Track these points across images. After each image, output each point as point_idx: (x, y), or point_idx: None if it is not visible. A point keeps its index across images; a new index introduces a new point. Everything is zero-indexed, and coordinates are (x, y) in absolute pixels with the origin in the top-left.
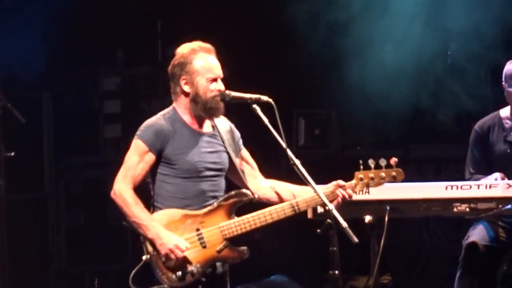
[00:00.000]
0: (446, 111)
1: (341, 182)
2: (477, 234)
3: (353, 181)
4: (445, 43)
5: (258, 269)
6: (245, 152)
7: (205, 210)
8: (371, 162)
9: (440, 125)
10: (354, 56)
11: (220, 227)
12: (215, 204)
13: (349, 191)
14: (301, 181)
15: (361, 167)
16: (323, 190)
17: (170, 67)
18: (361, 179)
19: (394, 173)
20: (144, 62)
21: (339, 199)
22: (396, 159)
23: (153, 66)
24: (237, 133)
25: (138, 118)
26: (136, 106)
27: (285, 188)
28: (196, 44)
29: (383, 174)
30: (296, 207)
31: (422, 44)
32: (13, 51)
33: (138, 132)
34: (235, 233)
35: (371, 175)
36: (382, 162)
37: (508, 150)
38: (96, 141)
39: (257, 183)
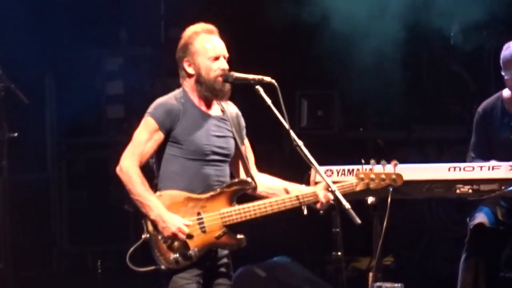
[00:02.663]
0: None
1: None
2: (484, 215)
3: (354, 180)
4: (448, 24)
5: (261, 251)
6: (247, 142)
7: (208, 195)
8: (372, 163)
9: (442, 106)
10: (356, 37)
11: (221, 214)
12: (218, 190)
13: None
14: (304, 163)
15: (362, 166)
16: (312, 190)
17: (176, 53)
18: (362, 179)
19: (394, 176)
20: (147, 43)
21: (323, 200)
22: (397, 162)
23: (156, 47)
24: (243, 121)
25: (141, 99)
26: (138, 87)
27: (279, 184)
28: (199, 26)
29: (383, 176)
30: (296, 201)
31: (425, 24)
32: (16, 32)
33: (149, 110)
34: (235, 221)
35: (372, 176)
36: (384, 163)
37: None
38: (98, 122)
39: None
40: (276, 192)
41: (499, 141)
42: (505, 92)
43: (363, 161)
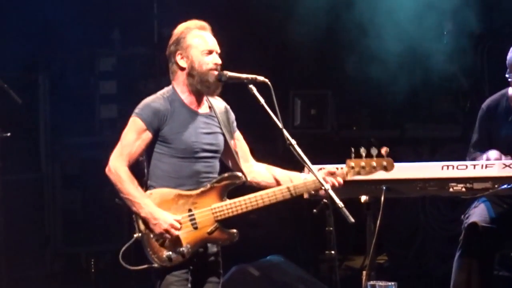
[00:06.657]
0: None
1: (331, 169)
2: (478, 214)
3: (345, 169)
4: (441, 23)
5: (254, 250)
6: (238, 135)
7: (198, 191)
8: (362, 151)
9: (436, 105)
10: (350, 37)
11: (212, 209)
12: (208, 185)
13: (339, 179)
14: (297, 162)
15: (353, 155)
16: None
17: (167, 49)
18: (352, 167)
19: (385, 163)
20: (140, 43)
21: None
22: (388, 149)
23: (149, 47)
24: (232, 115)
25: (134, 98)
26: (132, 86)
27: (279, 173)
28: (191, 22)
29: (374, 164)
30: (287, 193)
31: (418, 23)
32: (8, 32)
33: (136, 110)
34: (227, 215)
35: (362, 163)
36: (374, 151)
37: None
38: (92, 122)
39: (249, 167)
40: (281, 181)
41: (501, 138)
42: (511, 91)
43: (352, 149)
